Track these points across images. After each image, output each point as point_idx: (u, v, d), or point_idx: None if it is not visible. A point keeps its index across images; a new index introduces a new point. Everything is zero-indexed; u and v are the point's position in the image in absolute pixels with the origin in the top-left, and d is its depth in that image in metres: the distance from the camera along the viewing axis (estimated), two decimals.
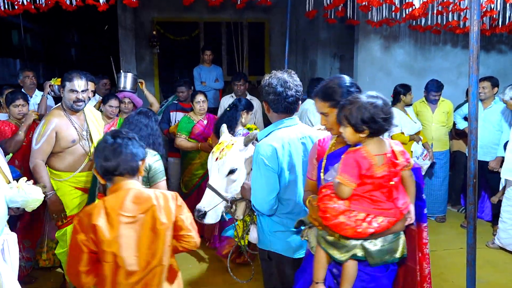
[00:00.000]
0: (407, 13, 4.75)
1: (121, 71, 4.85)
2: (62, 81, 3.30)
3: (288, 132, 2.30)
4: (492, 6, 4.60)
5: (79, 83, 3.23)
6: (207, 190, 2.58)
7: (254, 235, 2.63)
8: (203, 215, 2.53)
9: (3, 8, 4.46)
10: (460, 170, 5.50)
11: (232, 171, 2.53)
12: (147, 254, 1.85)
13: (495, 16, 4.87)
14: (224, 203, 2.57)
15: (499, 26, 5.15)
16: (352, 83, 2.08)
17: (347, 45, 6.99)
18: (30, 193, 2.48)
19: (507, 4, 4.73)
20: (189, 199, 4.33)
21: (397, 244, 1.96)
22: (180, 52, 8.77)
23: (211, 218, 2.57)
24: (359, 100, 1.88)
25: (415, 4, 4.54)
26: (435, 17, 5.08)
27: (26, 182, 2.52)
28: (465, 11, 4.73)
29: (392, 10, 4.95)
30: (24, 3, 4.36)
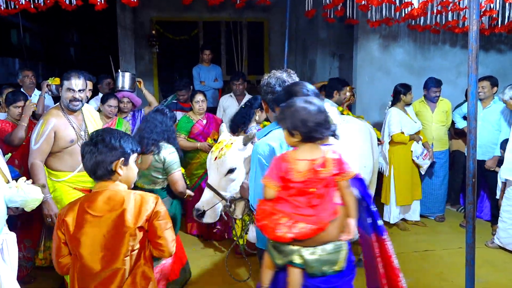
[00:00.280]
0: (406, 12, 4.75)
1: (119, 70, 4.83)
2: (62, 79, 3.29)
3: None
4: (491, 5, 4.60)
5: (76, 82, 3.21)
6: (206, 189, 2.58)
7: (253, 235, 2.63)
8: (201, 214, 2.53)
9: (3, 8, 4.46)
10: (459, 170, 5.49)
11: (231, 171, 2.53)
12: (108, 255, 1.87)
13: (494, 15, 4.87)
14: (223, 202, 2.57)
15: (498, 26, 5.15)
16: (307, 90, 2.12)
17: (347, 44, 6.99)
18: (29, 192, 2.47)
19: (506, 4, 4.72)
20: None
21: (337, 256, 1.92)
22: (179, 52, 8.76)
23: (210, 217, 2.57)
24: (294, 105, 1.90)
25: (414, 3, 4.54)
26: (434, 16, 5.08)
27: (25, 182, 2.51)
28: (464, 10, 4.73)
29: (391, 9, 4.95)
30: (23, 2, 4.35)
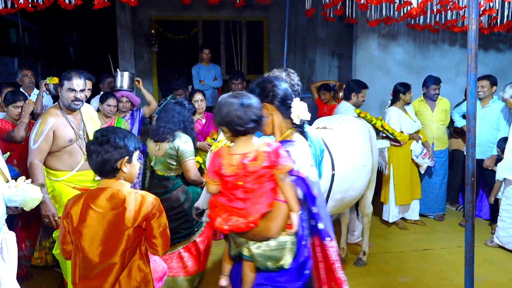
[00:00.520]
0: (406, 11, 4.75)
1: (117, 69, 4.81)
2: (60, 79, 3.27)
3: None
4: (491, 4, 4.60)
5: (77, 83, 3.20)
6: (205, 188, 2.57)
7: None
8: (201, 213, 2.53)
9: (1, 7, 4.45)
10: (458, 169, 5.50)
11: None
12: (106, 249, 1.98)
13: (493, 15, 4.88)
14: None
15: (498, 25, 5.15)
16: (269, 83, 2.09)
17: (346, 43, 6.99)
18: (28, 192, 2.47)
19: (506, 3, 4.73)
20: None
21: (280, 253, 1.93)
22: (178, 51, 8.75)
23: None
24: (219, 102, 1.94)
25: (413, 2, 4.54)
26: (433, 15, 5.08)
27: (25, 181, 2.51)
28: (463, 9, 4.73)
29: (391, 8, 4.95)
30: (22, 1, 4.35)
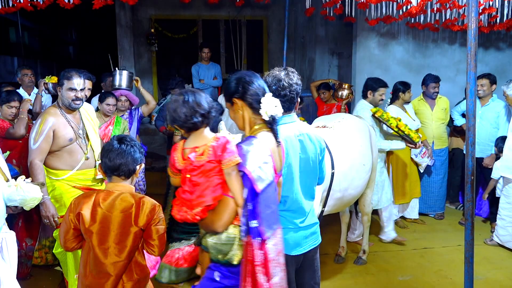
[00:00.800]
0: (405, 10, 4.75)
1: (116, 68, 4.80)
2: (59, 79, 3.24)
3: (285, 129, 2.30)
4: (491, 3, 4.60)
5: (78, 82, 3.18)
6: None
7: None
8: None
9: (1, 6, 4.45)
10: (458, 168, 5.50)
11: None
12: (114, 248, 2.13)
13: (493, 13, 4.88)
14: None
15: (497, 24, 5.15)
16: (238, 79, 2.06)
17: (346, 42, 7.00)
18: (28, 191, 2.47)
19: (505, 2, 4.73)
20: None
21: (228, 247, 1.96)
22: (178, 50, 8.76)
23: None
24: (170, 98, 2.03)
25: (412, 1, 4.54)
26: (433, 14, 5.08)
27: (25, 181, 2.51)
28: (463, 8, 4.73)
29: (390, 7, 4.95)
30: (21, 0, 4.35)
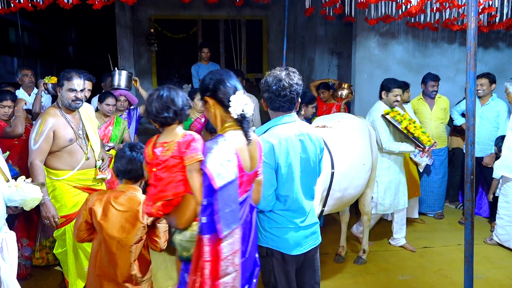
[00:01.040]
0: (405, 10, 4.75)
1: (115, 68, 4.79)
2: (59, 79, 3.24)
3: (286, 129, 2.31)
4: (490, 3, 4.60)
5: (78, 82, 3.19)
6: None
7: None
8: None
9: (0, 6, 4.45)
10: (458, 167, 5.51)
11: None
12: (121, 239, 2.42)
13: (493, 13, 4.88)
14: None
15: (497, 23, 5.15)
16: (211, 78, 2.18)
17: (345, 42, 7.00)
18: (28, 191, 2.48)
19: (505, 1, 4.73)
20: None
21: (192, 245, 1.97)
22: (178, 50, 8.76)
23: None
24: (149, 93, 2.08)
25: (412, 1, 4.54)
26: (433, 14, 5.09)
27: (25, 181, 2.52)
28: (463, 7, 4.73)
29: (390, 7, 4.95)
30: (21, 1, 4.35)
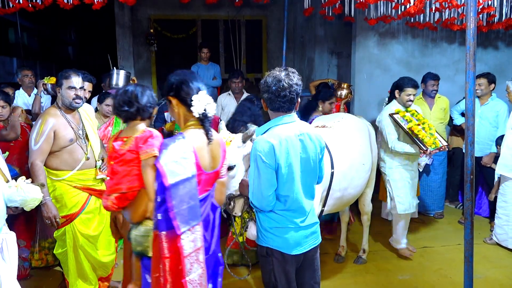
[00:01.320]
0: (404, 10, 4.75)
1: (113, 68, 4.78)
2: (58, 79, 3.24)
3: (286, 129, 2.31)
4: (489, 2, 4.61)
5: (76, 80, 3.20)
6: None
7: (252, 232, 2.64)
8: None
9: (0, 6, 4.45)
10: (458, 167, 5.51)
11: (230, 168, 2.54)
12: None
13: (492, 12, 4.88)
14: None
15: (496, 23, 5.15)
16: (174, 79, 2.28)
17: (345, 42, 7.00)
18: (28, 192, 2.47)
19: (504, 1, 4.74)
20: None
21: (144, 239, 2.07)
22: (177, 50, 8.75)
23: None
24: None
25: (410, 1, 4.54)
26: (432, 13, 5.09)
27: (25, 181, 2.52)
28: (462, 7, 4.74)
29: (389, 7, 4.96)
30: (21, 1, 4.34)
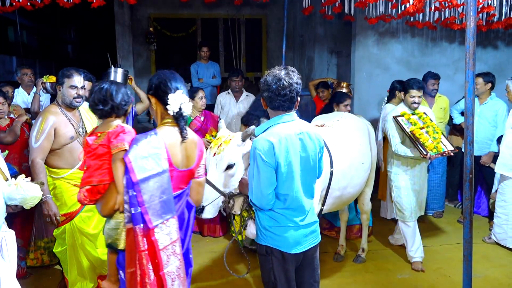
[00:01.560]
0: (404, 9, 4.75)
1: (111, 66, 4.76)
2: (59, 78, 3.25)
3: (286, 128, 2.31)
4: (489, 2, 4.61)
5: (78, 79, 3.23)
6: (205, 185, 2.59)
7: (251, 230, 2.64)
8: (201, 210, 2.54)
9: None
10: (457, 166, 5.51)
11: (230, 166, 2.54)
12: None
13: (491, 12, 4.88)
14: (222, 198, 2.58)
15: (496, 22, 5.16)
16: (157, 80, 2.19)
17: (344, 41, 7.00)
18: (28, 190, 2.47)
19: (504, 0, 4.74)
20: None
21: (115, 232, 2.13)
22: (177, 49, 8.75)
23: (209, 213, 2.58)
24: None
25: (410, 0, 4.53)
26: (432, 13, 5.09)
27: (24, 180, 2.52)
28: (462, 7, 4.74)
29: (389, 6, 4.96)
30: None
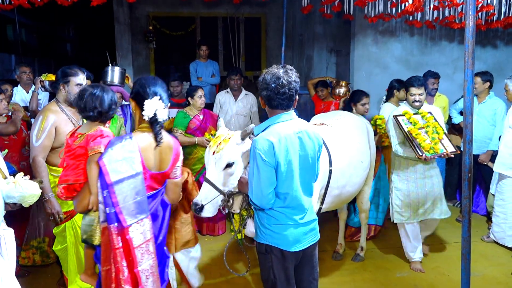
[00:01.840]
0: (403, 8, 4.75)
1: (109, 64, 4.76)
2: (62, 76, 3.23)
3: (285, 127, 2.31)
4: (488, 1, 4.61)
5: (83, 77, 3.27)
6: (204, 184, 2.59)
7: (250, 229, 2.65)
8: (200, 208, 2.54)
9: None
10: (456, 165, 5.51)
11: (229, 165, 2.54)
12: None
13: (491, 11, 4.88)
14: (221, 196, 2.58)
15: (495, 21, 5.16)
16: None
17: (344, 40, 6.99)
18: (27, 188, 2.47)
19: (503, 0, 4.74)
20: None
21: (90, 229, 2.30)
22: (176, 47, 8.75)
23: (208, 212, 2.58)
24: None
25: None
26: (431, 12, 5.09)
27: (23, 178, 2.52)
28: (461, 6, 4.74)
29: (388, 5, 4.96)
30: None
